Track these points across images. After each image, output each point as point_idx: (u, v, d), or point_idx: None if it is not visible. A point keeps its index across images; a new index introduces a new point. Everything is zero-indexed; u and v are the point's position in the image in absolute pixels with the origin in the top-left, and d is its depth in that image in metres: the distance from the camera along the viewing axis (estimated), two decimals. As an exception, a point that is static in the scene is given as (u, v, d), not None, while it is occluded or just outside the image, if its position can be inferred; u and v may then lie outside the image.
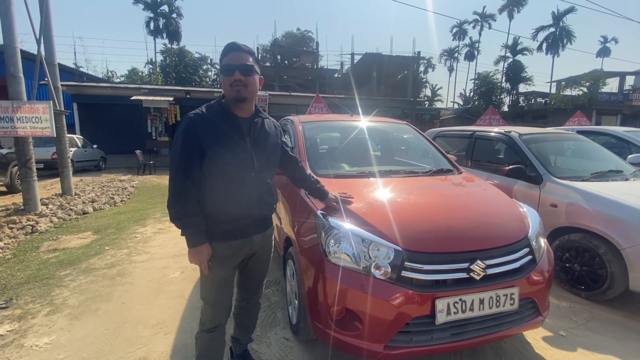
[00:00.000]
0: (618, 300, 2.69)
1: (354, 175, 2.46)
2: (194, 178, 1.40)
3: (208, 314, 1.57)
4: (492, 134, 4.00)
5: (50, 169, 9.47)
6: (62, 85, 7.37)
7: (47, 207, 5.95)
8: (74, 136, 11.38)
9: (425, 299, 1.61)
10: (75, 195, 7.17)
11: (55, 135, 5.98)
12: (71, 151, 10.53)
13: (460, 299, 1.64)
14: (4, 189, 7.62)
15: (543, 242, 2.05)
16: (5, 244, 4.17)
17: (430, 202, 2.06)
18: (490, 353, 2.06)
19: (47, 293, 2.82)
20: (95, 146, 12.29)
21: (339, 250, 1.71)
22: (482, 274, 1.68)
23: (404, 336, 1.64)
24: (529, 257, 1.86)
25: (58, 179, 7.18)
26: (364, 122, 3.23)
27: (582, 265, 2.79)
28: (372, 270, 1.64)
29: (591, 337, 2.26)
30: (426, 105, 24.97)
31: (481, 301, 1.68)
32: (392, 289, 1.60)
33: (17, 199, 6.10)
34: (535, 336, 2.25)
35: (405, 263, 1.64)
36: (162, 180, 9.92)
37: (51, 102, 5.88)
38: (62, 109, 7.08)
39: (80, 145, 11.29)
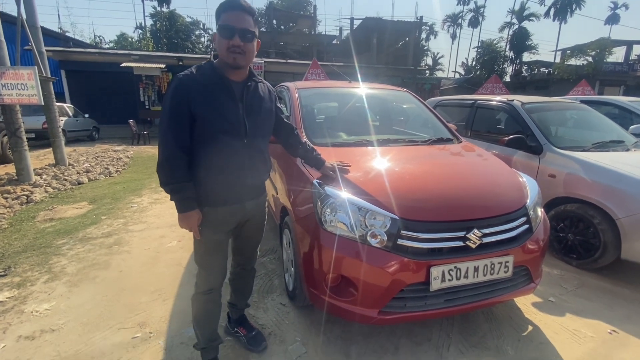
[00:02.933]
0: (608, 269, 2.75)
1: (351, 144, 2.40)
2: (184, 143, 1.35)
3: (203, 277, 1.58)
4: (494, 102, 3.89)
5: (42, 139, 9.27)
6: (47, 50, 7.02)
7: (41, 178, 5.88)
8: (64, 105, 11.06)
9: (421, 267, 1.61)
10: (69, 165, 7.07)
11: (43, 103, 5.77)
12: (62, 121, 10.27)
13: (455, 267, 1.65)
14: (-5, 159, 7.49)
15: (540, 211, 2.04)
16: (0, 213, 4.15)
17: (428, 171, 2.02)
18: (482, 318, 2.12)
19: (45, 261, 2.84)
20: (87, 115, 11.97)
21: (335, 219, 1.69)
22: (478, 242, 1.68)
23: (398, 302, 1.66)
24: (526, 226, 1.85)
25: (51, 149, 7.04)
26: (362, 89, 3.11)
27: (575, 234, 2.82)
28: (368, 238, 1.63)
29: (580, 303, 2.33)
30: (427, 75, 24.31)
31: (476, 269, 1.69)
32: (388, 257, 1.60)
33: (10, 169, 6.01)
34: (525, 302, 2.31)
35: (402, 231, 1.62)
36: (157, 150, 9.77)
37: (36, 67, 5.61)
38: (49, 75, 6.79)
39: (71, 114, 10.98)
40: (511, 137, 3.26)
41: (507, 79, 31.10)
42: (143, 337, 1.91)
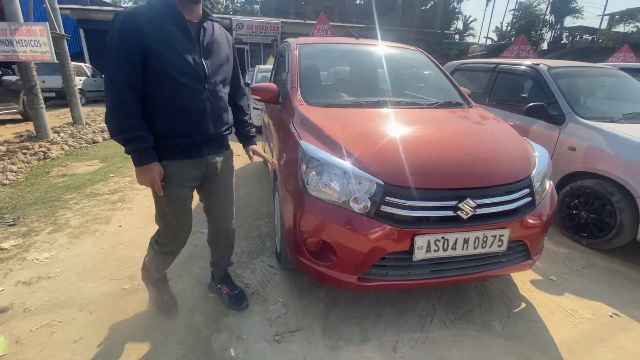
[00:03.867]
0: (620, 251, 2.56)
1: (348, 104, 2.24)
2: (137, 85, 1.24)
3: (167, 236, 1.53)
4: (518, 67, 3.54)
5: (62, 98, 9.44)
6: (65, 8, 6.95)
7: (58, 135, 6.05)
8: (83, 65, 11.15)
9: (404, 235, 1.52)
10: (85, 124, 7.23)
11: (55, 61, 5.78)
12: (81, 81, 10.42)
13: (442, 237, 1.55)
14: (19, 116, 7.75)
15: (548, 184, 1.88)
16: (18, 168, 4.32)
17: (424, 136, 1.87)
18: (472, 291, 2.04)
19: (52, 214, 2.95)
20: (104, 76, 12.06)
21: (319, 182, 1.60)
22: (471, 213, 1.56)
23: (380, 270, 1.60)
24: (528, 199, 1.70)
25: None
26: (369, 47, 2.88)
27: (589, 212, 2.62)
28: (351, 203, 1.54)
29: (582, 283, 2.20)
30: (456, 40, 22.61)
31: (466, 241, 1.59)
32: (370, 224, 1.51)
33: (31, 126, 6.20)
34: (522, 278, 2.20)
35: (386, 198, 1.52)
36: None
37: (47, 24, 5.57)
38: (62, 32, 6.76)
39: (89, 74, 11.10)
40: (531, 104, 2.98)
41: (545, 46, 28.61)
42: (131, 289, 1.96)
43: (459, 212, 1.55)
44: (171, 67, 1.25)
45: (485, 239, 1.61)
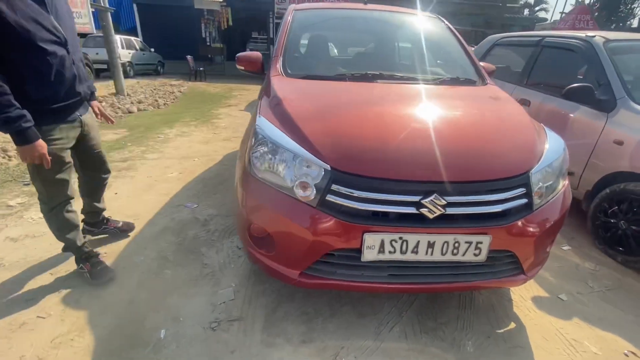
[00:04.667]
0: (668, 273, 2.06)
1: (329, 77, 1.97)
2: None
3: (51, 192, 1.58)
4: (567, 40, 2.92)
5: (113, 70, 10.14)
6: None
7: (100, 104, 6.46)
8: (132, 38, 11.76)
9: (353, 231, 1.29)
10: (127, 95, 7.66)
11: (94, 32, 6.09)
12: (130, 54, 11.04)
13: (400, 238, 1.30)
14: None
15: (561, 184, 1.50)
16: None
17: (399, 117, 1.57)
18: (455, 301, 1.75)
19: (63, 176, 3.12)
20: (152, 50, 12.66)
21: (264, 163, 1.41)
22: (438, 212, 1.28)
23: (328, 267, 1.40)
24: (522, 200, 1.36)
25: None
26: (376, 14, 2.53)
27: (630, 223, 2.12)
28: (295, 189, 1.34)
29: (601, 308, 1.79)
30: (525, 14, 19.96)
31: (430, 245, 1.31)
32: (313, 214, 1.31)
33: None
34: (523, 293, 1.85)
35: (333, 186, 1.29)
36: (209, 88, 10.08)
37: (88, -5, 5.84)
38: (106, 5, 7.08)
39: (138, 48, 11.70)
40: (573, 86, 2.44)
41: (635, 23, 24.31)
42: (102, 255, 1.98)
43: (422, 210, 1.28)
44: (37, 37, 1.29)
45: (456, 244, 1.32)
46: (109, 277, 1.77)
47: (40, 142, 1.35)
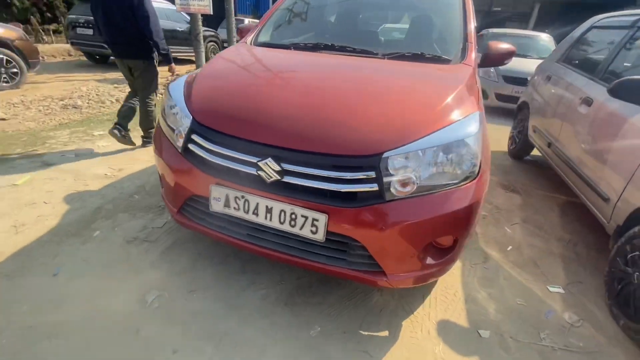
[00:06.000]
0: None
1: (280, 45, 2.00)
2: None
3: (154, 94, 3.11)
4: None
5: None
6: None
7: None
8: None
9: (204, 181, 1.40)
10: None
11: (211, 13, 7.27)
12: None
13: (243, 197, 1.34)
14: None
15: (451, 182, 1.23)
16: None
17: (295, 83, 1.54)
18: (344, 291, 1.64)
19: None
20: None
21: (168, 116, 1.61)
22: (273, 178, 1.26)
23: (199, 213, 1.55)
24: (370, 185, 1.19)
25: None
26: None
27: (645, 278, 1.48)
28: (175, 136, 1.52)
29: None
30: None
31: (269, 210, 1.31)
32: (177, 159, 1.47)
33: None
34: (431, 311, 1.57)
35: (193, 135, 1.42)
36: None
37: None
38: (231, -9, 8.31)
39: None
40: (623, 80, 1.76)
41: None
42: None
43: (260, 173, 1.28)
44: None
45: (293, 216, 1.28)
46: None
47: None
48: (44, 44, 11.45)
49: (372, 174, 1.19)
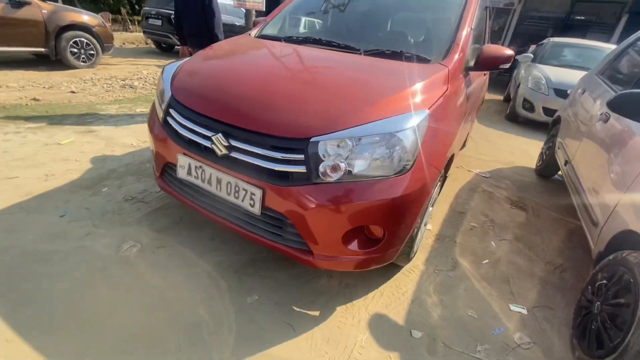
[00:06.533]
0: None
1: (277, 38, 2.13)
2: None
3: None
4: None
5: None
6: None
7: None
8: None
9: (174, 150, 1.60)
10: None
11: (264, 9, 7.67)
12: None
13: (200, 167, 1.51)
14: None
15: (379, 173, 1.28)
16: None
17: (271, 71, 1.67)
18: (299, 270, 1.74)
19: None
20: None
21: (158, 89, 1.86)
22: (223, 152, 1.41)
23: (169, 177, 1.76)
24: (299, 167, 1.28)
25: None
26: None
27: (603, 307, 1.34)
28: (160, 109, 1.74)
29: (446, 368, 1.34)
30: None
31: (219, 181, 1.47)
32: (159, 129, 1.69)
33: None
34: (374, 302, 1.60)
35: (170, 109, 1.62)
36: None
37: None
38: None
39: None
40: (620, 94, 1.58)
41: None
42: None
43: (213, 146, 1.44)
44: None
45: (237, 188, 1.42)
46: None
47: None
48: (130, 32, 13.03)
49: (302, 157, 1.27)
